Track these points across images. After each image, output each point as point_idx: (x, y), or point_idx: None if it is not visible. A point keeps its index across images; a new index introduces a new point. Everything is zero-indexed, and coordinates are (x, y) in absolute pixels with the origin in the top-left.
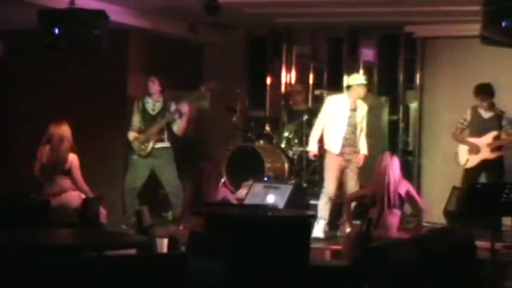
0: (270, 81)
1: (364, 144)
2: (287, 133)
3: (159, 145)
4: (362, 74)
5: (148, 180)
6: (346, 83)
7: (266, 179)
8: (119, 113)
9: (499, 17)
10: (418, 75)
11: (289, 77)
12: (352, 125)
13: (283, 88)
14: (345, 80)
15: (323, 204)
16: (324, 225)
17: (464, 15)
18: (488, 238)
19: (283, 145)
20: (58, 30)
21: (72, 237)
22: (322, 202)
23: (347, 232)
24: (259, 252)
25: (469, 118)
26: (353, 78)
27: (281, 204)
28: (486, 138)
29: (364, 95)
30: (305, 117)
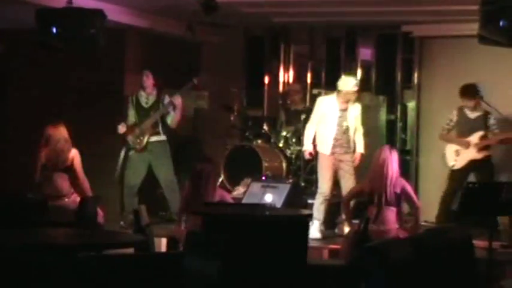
0: (267, 80)
1: (361, 143)
2: (285, 132)
3: (155, 138)
4: (354, 76)
5: (146, 179)
6: (337, 86)
7: (264, 178)
8: (116, 112)
9: (497, 17)
10: (415, 75)
11: (287, 76)
12: (342, 125)
13: (281, 87)
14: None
15: (318, 205)
16: (318, 225)
17: (462, 14)
18: (485, 237)
19: (281, 144)
20: (55, 29)
21: (70, 236)
22: (318, 202)
23: (346, 231)
24: (257, 252)
25: (455, 119)
26: (343, 82)
27: (279, 203)
28: (473, 139)
29: (355, 98)
30: (303, 117)
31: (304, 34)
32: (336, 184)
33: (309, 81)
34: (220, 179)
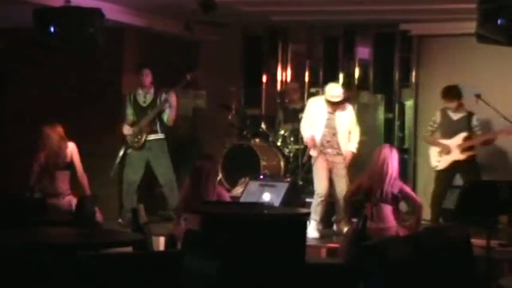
0: (265, 79)
1: (354, 142)
2: (283, 131)
3: (153, 137)
4: (338, 86)
5: (145, 178)
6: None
7: (262, 177)
8: (114, 112)
9: (495, 15)
10: (413, 73)
11: (284, 75)
12: (331, 127)
13: (279, 86)
14: (341, 78)
15: (315, 206)
16: (316, 225)
17: (459, 13)
18: (483, 236)
19: (279, 143)
20: (53, 28)
21: (68, 235)
22: (314, 203)
23: (345, 230)
24: (255, 251)
25: (439, 120)
26: (328, 90)
27: (277, 202)
28: (456, 140)
29: (342, 105)
30: (301, 116)
31: (302, 33)
32: (331, 184)
33: (306, 80)
34: (218, 178)
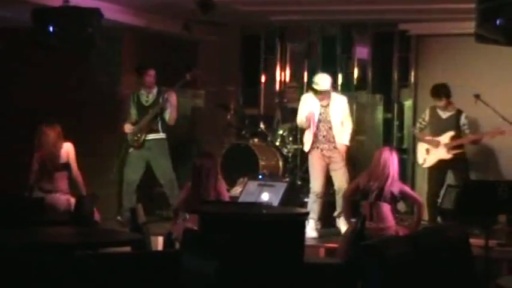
0: (264, 79)
1: (347, 134)
2: (281, 131)
3: (153, 136)
4: (324, 76)
5: (144, 178)
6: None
7: (261, 177)
8: (113, 111)
9: (494, 15)
10: (412, 73)
11: (283, 74)
12: (326, 121)
13: (278, 86)
14: (340, 78)
15: (311, 204)
16: (314, 223)
17: (458, 13)
18: (482, 235)
19: (278, 143)
20: (52, 28)
21: (66, 235)
22: (311, 201)
23: (343, 229)
24: (254, 250)
25: (428, 118)
26: (314, 78)
27: (276, 202)
28: (443, 138)
29: (330, 96)
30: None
31: (300, 32)
32: (329, 182)
33: (305, 79)
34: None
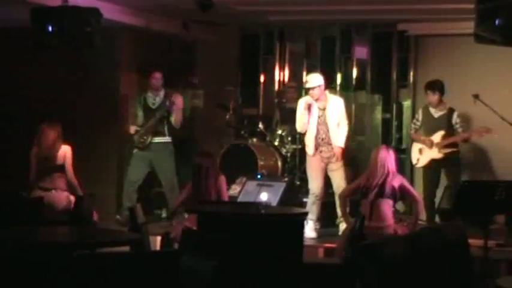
0: (263, 79)
1: (342, 136)
2: (280, 131)
3: (159, 139)
4: (315, 74)
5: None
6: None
7: (259, 176)
8: (112, 111)
9: (492, 15)
10: (411, 73)
11: (282, 74)
12: (324, 124)
13: (277, 86)
14: (339, 78)
15: (310, 205)
16: (313, 224)
17: (457, 13)
18: (481, 236)
19: (277, 143)
20: (51, 28)
21: (65, 235)
22: (309, 202)
23: (342, 229)
24: (253, 250)
25: (421, 118)
26: (306, 80)
27: (274, 202)
28: (435, 138)
29: (321, 96)
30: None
31: (299, 32)
32: (328, 183)
33: (304, 79)
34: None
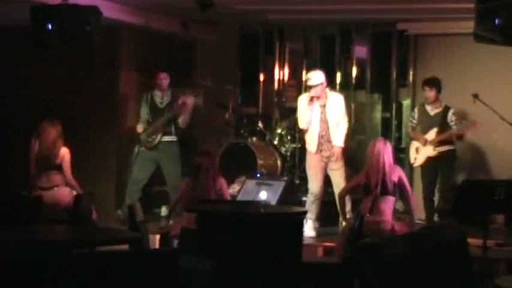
0: (262, 78)
1: (341, 135)
2: (280, 130)
3: (166, 139)
4: (317, 71)
5: None
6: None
7: (259, 175)
8: (111, 110)
9: (492, 15)
10: (410, 73)
11: (281, 74)
12: (325, 121)
13: (276, 85)
14: (338, 77)
15: (309, 204)
16: (312, 223)
17: (457, 12)
18: (480, 235)
19: (276, 142)
20: (51, 26)
21: (64, 233)
22: (309, 202)
23: (342, 227)
24: (252, 249)
25: (417, 116)
26: (308, 77)
27: (274, 201)
28: (429, 135)
29: (323, 93)
30: (297, 114)
31: (299, 32)
32: (328, 182)
33: (303, 78)
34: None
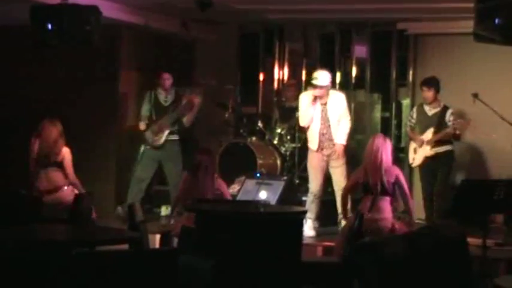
0: (262, 77)
1: (343, 133)
2: (279, 129)
3: (170, 137)
4: (325, 72)
5: None
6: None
7: (258, 175)
8: (111, 109)
9: (492, 15)
10: (410, 72)
11: (281, 73)
12: (326, 119)
13: (276, 84)
14: (338, 76)
15: (309, 204)
16: (311, 223)
17: (457, 12)
18: (479, 235)
19: (276, 141)
20: (50, 26)
21: (64, 233)
22: (309, 201)
23: (341, 227)
24: (251, 249)
25: (415, 115)
26: (313, 75)
27: (273, 200)
28: (426, 135)
29: (327, 93)
30: (297, 114)
31: (298, 31)
32: (328, 181)
33: (303, 78)
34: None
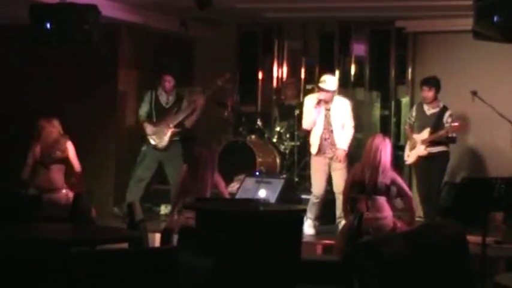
0: (261, 76)
1: (346, 139)
2: (278, 128)
3: (175, 138)
4: (333, 77)
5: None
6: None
7: (258, 173)
8: (110, 108)
9: (491, 12)
10: (409, 70)
11: (280, 72)
12: (328, 124)
13: (275, 83)
14: (337, 75)
15: (310, 205)
16: (311, 221)
17: (455, 10)
18: (479, 233)
19: (275, 140)
20: (49, 24)
21: (64, 231)
22: (310, 202)
23: (341, 226)
24: (251, 247)
25: (415, 114)
26: (322, 78)
27: (273, 198)
28: (422, 135)
29: (332, 97)
30: (296, 112)
31: (297, 30)
32: (328, 181)
33: (302, 76)
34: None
